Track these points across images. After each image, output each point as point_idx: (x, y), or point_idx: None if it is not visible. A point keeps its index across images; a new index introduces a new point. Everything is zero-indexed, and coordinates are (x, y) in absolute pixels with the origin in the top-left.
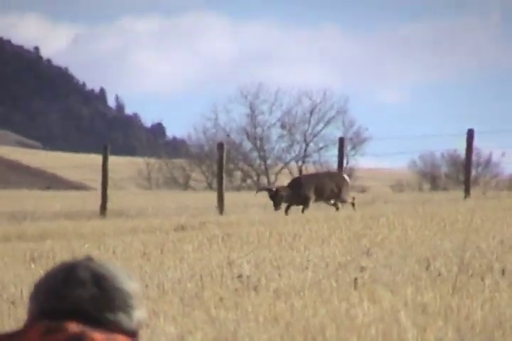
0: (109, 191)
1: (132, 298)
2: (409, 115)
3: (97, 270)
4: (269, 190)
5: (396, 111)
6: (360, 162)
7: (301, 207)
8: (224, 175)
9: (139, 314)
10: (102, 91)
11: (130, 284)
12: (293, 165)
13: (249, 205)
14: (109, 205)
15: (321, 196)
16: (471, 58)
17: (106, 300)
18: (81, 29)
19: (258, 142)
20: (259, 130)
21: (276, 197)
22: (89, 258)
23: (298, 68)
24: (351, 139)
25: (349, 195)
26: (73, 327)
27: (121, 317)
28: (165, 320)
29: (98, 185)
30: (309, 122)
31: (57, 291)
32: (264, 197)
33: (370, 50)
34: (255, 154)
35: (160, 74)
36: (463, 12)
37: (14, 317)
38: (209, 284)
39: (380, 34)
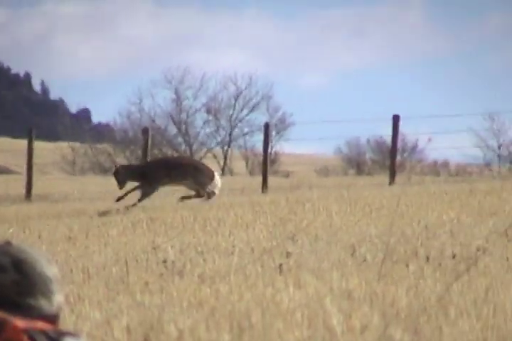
0: (33, 176)
1: (52, 282)
2: (335, 101)
3: (16, 255)
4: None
5: (322, 97)
6: (286, 147)
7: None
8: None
9: (59, 298)
10: (27, 75)
11: (50, 268)
12: (218, 150)
13: (173, 190)
14: (34, 190)
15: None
16: (397, 45)
17: (27, 285)
18: (3, 13)
19: (183, 127)
20: (184, 115)
21: (118, 174)
22: (8, 243)
23: (223, 53)
24: (276, 125)
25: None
26: None
27: (42, 302)
28: (90, 305)
29: (22, 170)
30: (234, 107)
31: None
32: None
33: (295, 35)
34: (180, 139)
35: (85, 59)
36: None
37: None
38: (134, 269)
39: (304, 20)
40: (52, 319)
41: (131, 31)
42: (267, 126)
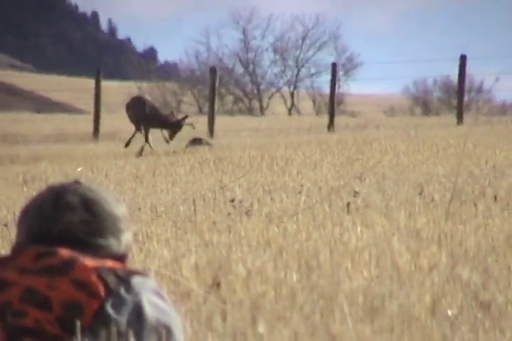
0: (101, 114)
1: (121, 221)
2: (402, 41)
3: (85, 194)
4: None
5: (390, 37)
6: (353, 87)
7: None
8: (216, 99)
9: (127, 237)
10: (95, 14)
11: (119, 207)
12: (285, 90)
13: (240, 129)
14: (102, 129)
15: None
16: None
17: (96, 225)
18: None
19: (251, 67)
20: (251, 55)
21: None
22: (77, 182)
23: None
24: (343, 65)
25: None
26: (64, 252)
27: (111, 242)
28: (158, 244)
29: (90, 109)
30: (301, 48)
31: (47, 216)
32: (256, 121)
33: None
34: (247, 79)
35: None
36: None
37: (7, 239)
38: (202, 208)
39: None
40: (121, 258)
41: None
42: (334, 66)
